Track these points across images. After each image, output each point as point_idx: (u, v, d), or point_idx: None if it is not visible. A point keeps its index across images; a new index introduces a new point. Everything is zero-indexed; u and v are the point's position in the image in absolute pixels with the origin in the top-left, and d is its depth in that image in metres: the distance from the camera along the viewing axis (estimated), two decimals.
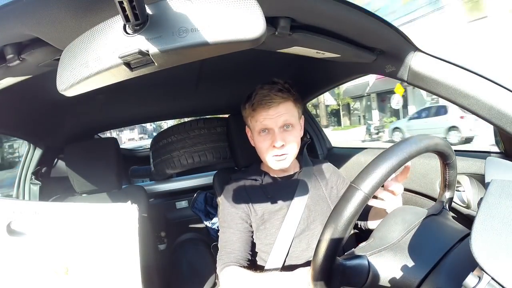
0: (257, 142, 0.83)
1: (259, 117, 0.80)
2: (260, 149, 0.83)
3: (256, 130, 0.82)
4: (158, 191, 1.50)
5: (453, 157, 0.53)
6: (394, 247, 0.48)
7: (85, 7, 0.39)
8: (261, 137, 0.81)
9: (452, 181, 0.57)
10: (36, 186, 1.21)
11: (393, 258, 0.47)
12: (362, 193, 0.41)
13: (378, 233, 0.53)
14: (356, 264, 0.47)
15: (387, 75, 0.77)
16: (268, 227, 0.82)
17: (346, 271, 0.46)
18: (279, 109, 0.79)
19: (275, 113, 0.78)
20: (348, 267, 0.46)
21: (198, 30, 0.32)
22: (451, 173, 0.55)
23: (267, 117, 0.79)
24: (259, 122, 0.80)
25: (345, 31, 0.63)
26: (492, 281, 0.30)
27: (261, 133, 0.81)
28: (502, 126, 0.60)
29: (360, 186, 0.41)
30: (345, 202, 0.42)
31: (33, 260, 0.36)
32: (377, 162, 0.43)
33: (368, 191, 0.41)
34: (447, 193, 0.58)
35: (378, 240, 0.51)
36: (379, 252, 0.48)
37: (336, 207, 0.43)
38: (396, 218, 0.54)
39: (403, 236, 0.49)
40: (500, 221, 0.35)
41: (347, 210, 0.41)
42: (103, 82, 0.37)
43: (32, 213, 0.36)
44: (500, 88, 0.59)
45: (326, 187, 0.91)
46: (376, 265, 0.47)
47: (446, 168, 0.55)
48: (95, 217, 0.38)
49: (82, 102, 1.06)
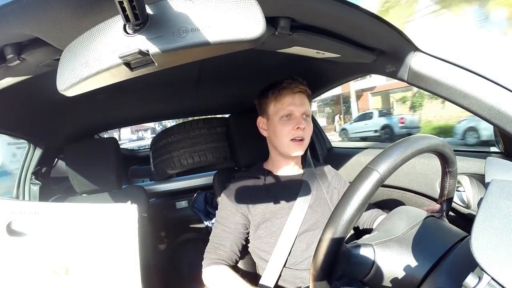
0: (277, 127, 0.84)
1: (284, 101, 0.83)
2: (279, 134, 0.84)
3: (278, 114, 0.84)
4: (158, 191, 1.50)
5: (455, 166, 0.54)
6: (399, 239, 0.49)
7: (85, 7, 0.39)
8: (283, 121, 0.84)
9: (451, 190, 0.57)
10: (36, 186, 1.21)
11: (399, 250, 0.47)
12: (378, 174, 0.41)
13: (382, 227, 0.54)
14: (362, 253, 0.47)
15: (387, 75, 0.77)
16: (270, 226, 0.82)
17: (351, 259, 0.46)
18: (302, 98, 0.85)
19: (299, 101, 0.84)
20: (354, 255, 0.46)
21: (198, 30, 0.32)
22: (451, 182, 0.56)
23: (293, 103, 0.83)
24: (284, 106, 0.83)
25: (345, 31, 0.63)
26: (492, 281, 0.30)
27: (283, 117, 0.84)
28: (502, 126, 0.60)
29: (376, 168, 0.42)
30: (360, 182, 0.42)
31: (33, 260, 0.36)
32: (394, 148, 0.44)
33: (383, 172, 0.41)
34: (446, 200, 0.58)
35: (383, 232, 0.51)
36: (385, 243, 0.48)
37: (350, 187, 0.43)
38: (401, 214, 0.55)
39: (408, 230, 0.50)
40: (500, 221, 0.35)
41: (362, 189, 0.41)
42: (103, 82, 0.37)
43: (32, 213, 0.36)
44: (500, 88, 0.59)
45: (327, 189, 0.91)
46: (381, 256, 0.47)
47: (447, 176, 0.55)
48: (95, 217, 0.38)
49: (82, 102, 1.06)
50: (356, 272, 0.47)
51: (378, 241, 0.48)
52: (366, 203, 0.42)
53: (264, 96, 0.88)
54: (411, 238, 0.48)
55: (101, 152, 1.09)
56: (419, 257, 0.45)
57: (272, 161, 0.93)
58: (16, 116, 0.97)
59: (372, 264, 0.47)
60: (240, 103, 1.36)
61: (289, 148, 0.84)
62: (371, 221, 0.87)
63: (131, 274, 0.37)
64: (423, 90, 0.71)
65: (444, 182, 0.56)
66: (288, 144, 0.83)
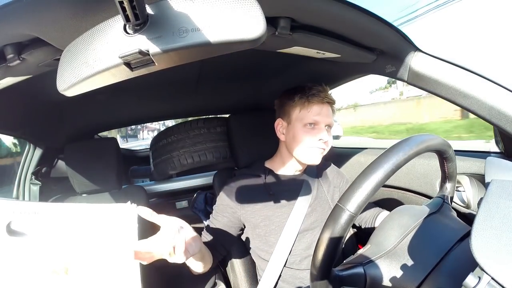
0: (299, 134, 0.82)
1: (313, 109, 0.81)
2: (300, 141, 0.82)
3: (303, 121, 0.82)
4: (158, 191, 1.50)
5: (450, 151, 0.53)
6: (390, 254, 0.48)
7: (85, 7, 0.39)
8: (306, 129, 0.82)
9: (452, 173, 0.57)
10: (36, 186, 1.21)
11: (389, 266, 0.47)
12: (348, 212, 0.41)
13: (375, 239, 0.53)
14: (352, 274, 0.47)
15: (387, 75, 0.77)
16: (269, 225, 0.82)
17: (343, 280, 0.46)
18: (329, 109, 0.83)
19: (327, 112, 0.83)
20: (344, 277, 0.47)
21: (198, 30, 0.31)
22: (449, 165, 0.56)
23: (321, 112, 0.81)
24: (311, 115, 0.81)
25: (345, 31, 0.63)
26: (492, 281, 0.30)
27: (307, 126, 0.82)
28: (502, 126, 0.60)
29: (346, 206, 0.42)
30: (333, 221, 0.42)
31: (33, 260, 0.36)
32: (361, 179, 0.42)
33: (354, 210, 0.41)
34: (448, 184, 0.57)
35: (374, 246, 0.51)
36: (376, 260, 0.48)
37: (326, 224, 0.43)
38: (393, 222, 0.54)
39: (399, 242, 0.49)
40: (500, 221, 0.34)
41: (335, 229, 0.42)
42: (103, 82, 0.37)
43: (32, 213, 0.36)
44: (500, 88, 0.59)
45: (328, 188, 0.91)
46: (372, 274, 0.47)
47: (444, 162, 0.55)
48: (95, 217, 0.38)
49: (82, 102, 1.06)
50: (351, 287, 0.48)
51: (367, 261, 0.48)
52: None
53: (289, 98, 0.85)
54: (402, 250, 0.48)
55: (101, 152, 1.09)
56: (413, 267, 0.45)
57: (278, 161, 0.92)
58: (16, 116, 0.97)
59: (364, 282, 0.47)
60: (240, 103, 1.36)
61: (308, 156, 0.83)
62: (373, 219, 0.87)
63: (131, 274, 0.37)
64: (423, 90, 0.71)
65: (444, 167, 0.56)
66: (307, 152, 0.82)
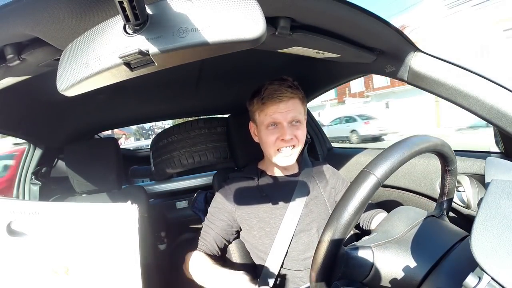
0: (264, 136, 0.82)
1: (268, 110, 0.79)
2: (266, 143, 0.82)
3: (264, 124, 0.81)
4: (158, 191, 1.50)
5: (455, 165, 0.54)
6: (398, 240, 0.48)
7: (85, 7, 0.39)
8: (269, 131, 0.80)
9: (451, 189, 0.57)
10: (36, 186, 1.21)
11: (398, 252, 0.47)
12: (375, 177, 0.41)
13: (381, 228, 0.53)
14: (361, 255, 0.47)
15: (387, 75, 0.77)
16: (264, 226, 0.82)
17: (350, 261, 0.46)
18: (289, 105, 0.79)
19: (285, 108, 0.79)
20: (352, 257, 0.46)
21: (198, 30, 0.31)
22: (451, 180, 0.56)
23: (277, 111, 0.79)
24: (268, 116, 0.80)
25: (345, 31, 0.63)
26: (492, 281, 0.30)
27: (269, 127, 0.80)
28: (502, 126, 0.60)
29: (373, 171, 0.41)
30: (357, 186, 0.41)
31: (33, 260, 0.36)
32: (391, 151, 0.43)
33: (381, 176, 0.41)
34: (446, 200, 0.58)
35: (381, 233, 0.51)
36: (383, 245, 0.48)
37: (348, 191, 0.42)
38: (400, 215, 0.55)
39: (407, 231, 0.49)
40: (500, 221, 0.34)
41: (359, 193, 0.41)
42: (103, 82, 0.37)
43: (32, 213, 0.36)
44: (500, 88, 0.59)
45: (324, 188, 0.90)
46: (380, 258, 0.47)
47: (447, 175, 0.55)
48: (95, 217, 0.38)
49: (82, 102, 1.06)
50: (355, 274, 0.47)
51: (376, 243, 0.48)
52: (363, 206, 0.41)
53: (250, 102, 0.85)
54: (410, 239, 0.48)
55: (101, 152, 1.09)
56: (418, 258, 0.45)
57: (267, 162, 0.92)
58: (16, 116, 0.97)
59: (371, 266, 0.47)
60: (240, 103, 1.36)
61: (277, 159, 0.81)
62: (369, 220, 0.86)
63: (131, 274, 0.37)
64: (423, 90, 0.71)
65: (444, 181, 0.56)
66: (276, 155, 0.81)
